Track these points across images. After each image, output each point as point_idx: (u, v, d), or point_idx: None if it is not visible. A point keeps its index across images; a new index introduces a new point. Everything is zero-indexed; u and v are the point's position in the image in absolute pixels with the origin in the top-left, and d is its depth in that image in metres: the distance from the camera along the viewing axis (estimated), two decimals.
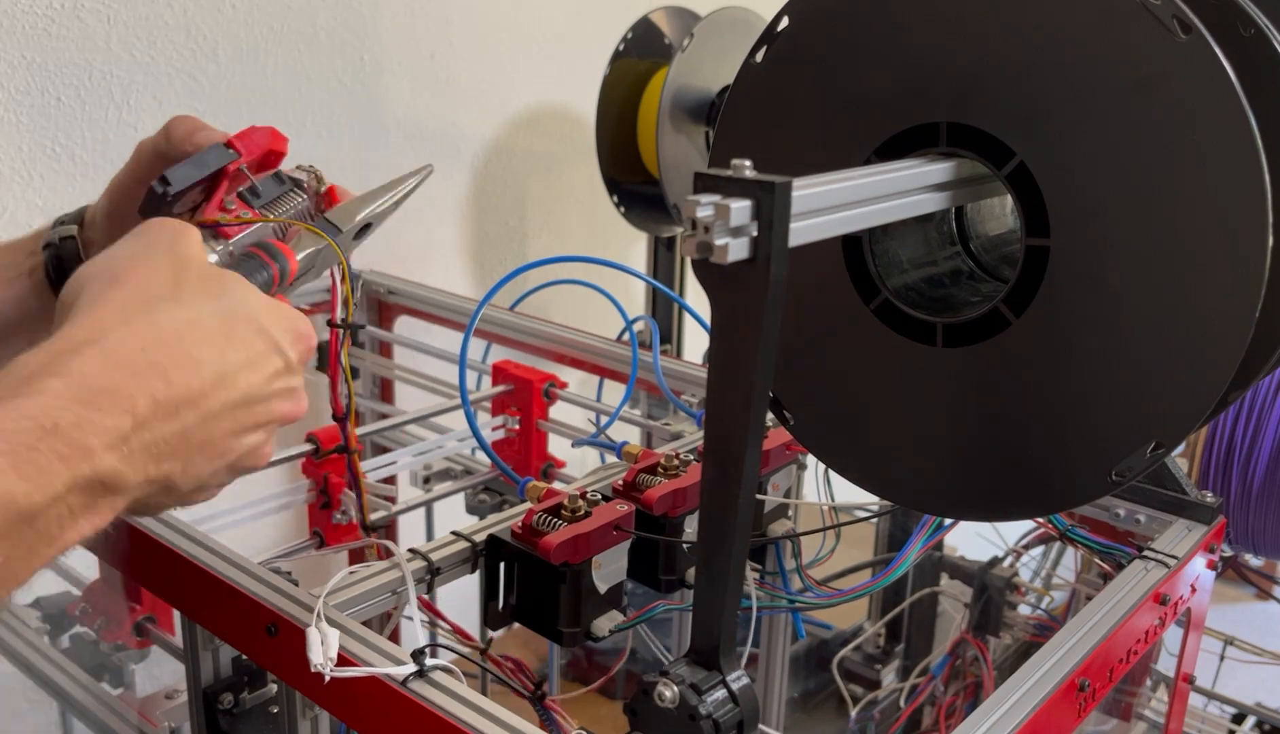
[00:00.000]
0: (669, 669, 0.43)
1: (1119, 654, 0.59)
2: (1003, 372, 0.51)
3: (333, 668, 0.49)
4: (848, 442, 0.58)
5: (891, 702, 1.02)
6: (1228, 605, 2.17)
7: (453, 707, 0.48)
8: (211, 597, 0.57)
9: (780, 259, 0.37)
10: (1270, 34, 0.49)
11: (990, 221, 0.60)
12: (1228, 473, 0.85)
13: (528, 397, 0.96)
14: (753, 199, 0.37)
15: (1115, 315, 0.48)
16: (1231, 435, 0.85)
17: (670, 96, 1.27)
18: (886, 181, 0.46)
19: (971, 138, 0.50)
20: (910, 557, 0.64)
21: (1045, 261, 0.49)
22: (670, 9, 1.40)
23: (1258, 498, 0.84)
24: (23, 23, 1.00)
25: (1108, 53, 0.46)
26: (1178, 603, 0.66)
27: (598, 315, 1.07)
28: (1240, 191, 0.44)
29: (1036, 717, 0.51)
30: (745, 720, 0.43)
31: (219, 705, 0.61)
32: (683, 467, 0.68)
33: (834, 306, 0.55)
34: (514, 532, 0.60)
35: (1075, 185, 0.48)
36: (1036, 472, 0.52)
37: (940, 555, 1.01)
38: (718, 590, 0.42)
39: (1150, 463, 0.49)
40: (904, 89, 0.51)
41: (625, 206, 1.39)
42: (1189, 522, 0.69)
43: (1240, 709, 0.98)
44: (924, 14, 0.50)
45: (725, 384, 0.40)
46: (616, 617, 0.62)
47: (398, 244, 1.46)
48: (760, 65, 0.55)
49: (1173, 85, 0.45)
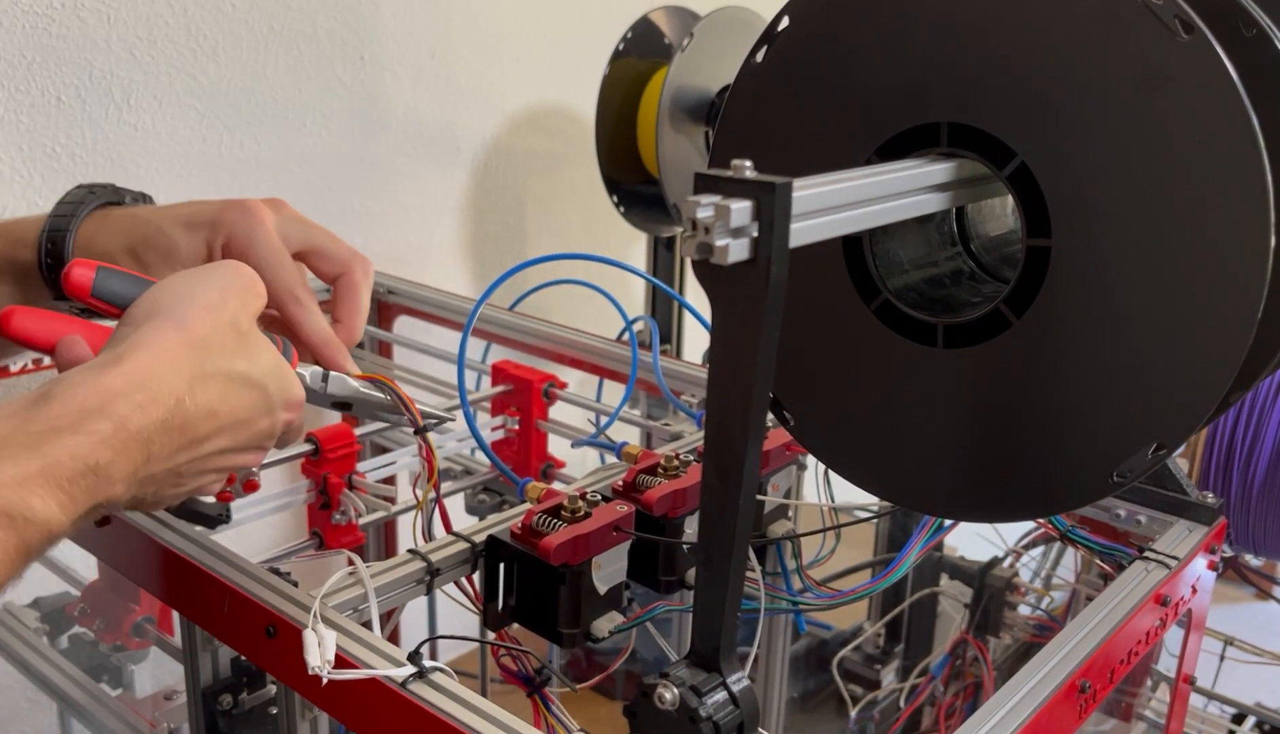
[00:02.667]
0: (669, 671, 0.43)
1: (1120, 655, 0.59)
2: (1004, 372, 0.51)
3: (330, 670, 0.49)
4: (848, 442, 0.58)
5: (891, 702, 1.02)
6: (1228, 605, 2.17)
7: (451, 708, 0.48)
8: (210, 597, 0.57)
9: (781, 260, 0.37)
10: (1272, 34, 0.49)
11: (991, 222, 0.60)
12: (1228, 474, 0.85)
13: (527, 397, 0.96)
14: (753, 200, 0.37)
15: (1116, 316, 0.48)
16: (1232, 436, 0.85)
17: (670, 96, 1.26)
18: (887, 182, 0.46)
19: (972, 138, 0.49)
20: (910, 558, 0.64)
21: (1046, 262, 0.49)
22: (670, 9, 1.40)
23: (1258, 499, 0.84)
24: (23, 22, 1.00)
25: (1109, 53, 0.46)
26: (1178, 604, 0.65)
27: (597, 315, 1.07)
28: (1242, 192, 0.44)
29: (1037, 718, 0.51)
30: (746, 722, 0.43)
31: (218, 706, 0.61)
32: (683, 467, 0.67)
33: (835, 307, 0.55)
34: (513, 532, 0.60)
35: (1077, 186, 0.48)
36: (1037, 473, 0.52)
37: (940, 556, 1.01)
38: (718, 592, 0.42)
39: (1152, 464, 0.48)
40: (905, 89, 0.51)
41: (625, 206, 1.39)
42: (1190, 522, 0.69)
43: (1240, 709, 0.98)
44: (925, 14, 0.50)
45: (725, 385, 0.39)
46: (616, 617, 0.62)
47: (398, 244, 1.46)
48: (760, 65, 0.55)
49: (1175, 85, 0.45)
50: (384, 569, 0.59)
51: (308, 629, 0.51)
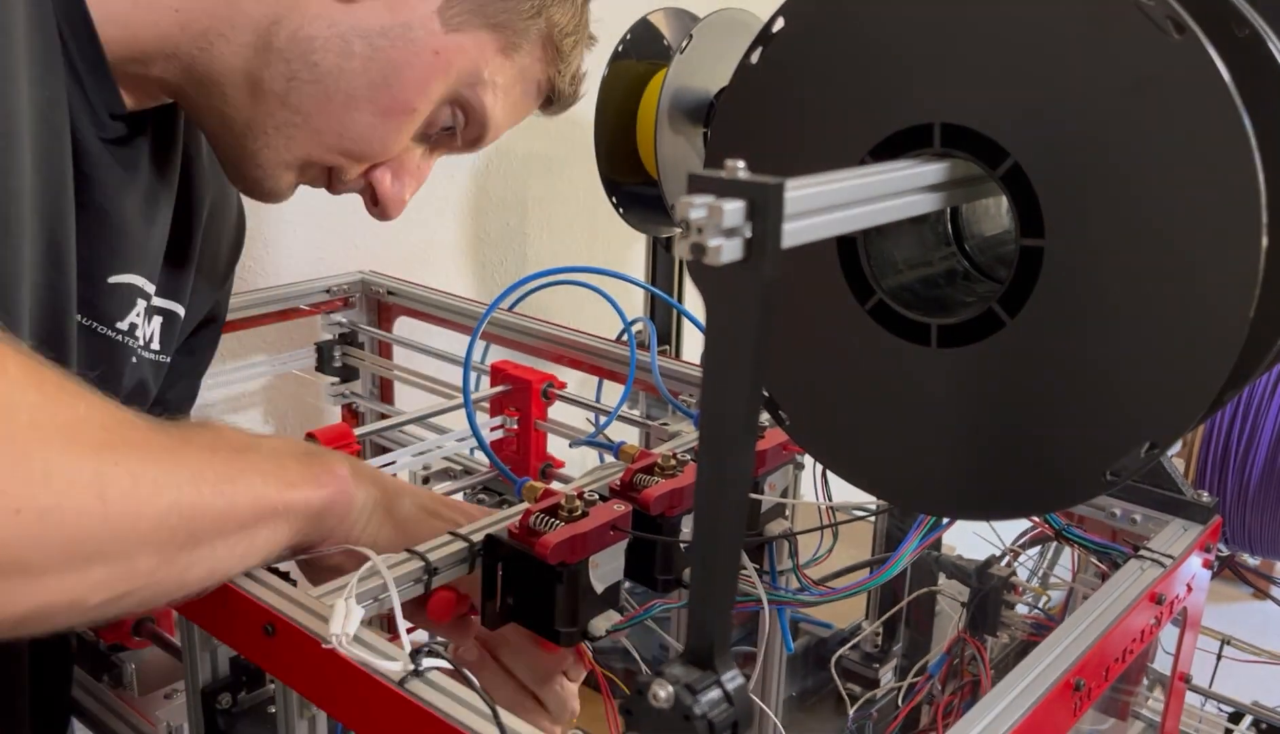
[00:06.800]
0: (664, 669, 0.43)
1: (1114, 653, 0.59)
2: (997, 372, 0.51)
3: (346, 642, 0.50)
4: (843, 441, 0.58)
5: (889, 700, 1.02)
6: (1225, 605, 2.17)
7: (450, 707, 0.48)
8: (209, 596, 0.57)
9: (773, 260, 0.37)
10: (1265, 34, 0.49)
11: (986, 222, 0.60)
12: (1224, 473, 0.85)
13: (526, 397, 0.96)
14: (746, 200, 0.37)
15: (1109, 316, 0.48)
16: (1228, 436, 0.85)
17: (669, 98, 1.27)
18: (880, 182, 0.46)
19: (966, 138, 0.50)
20: (905, 556, 0.64)
21: (1039, 262, 0.49)
22: (669, 10, 1.40)
23: (1254, 498, 0.85)
24: None
25: (1101, 53, 0.46)
26: (1173, 602, 0.66)
27: (597, 315, 1.07)
28: (1234, 192, 0.44)
29: (1032, 716, 0.51)
30: (740, 720, 0.43)
31: (217, 705, 0.61)
32: (680, 466, 0.68)
33: (829, 307, 0.55)
34: (511, 531, 0.60)
35: (1069, 186, 0.48)
36: (1031, 471, 0.52)
37: (938, 555, 1.01)
38: (712, 590, 0.43)
39: (1145, 463, 0.49)
40: (898, 90, 0.51)
41: (624, 208, 1.39)
42: (1185, 521, 0.69)
43: (1237, 708, 0.98)
44: (918, 15, 0.51)
45: (718, 385, 0.40)
46: (614, 616, 0.62)
47: (398, 244, 1.46)
48: (755, 66, 0.55)
49: (1166, 86, 0.45)
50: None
51: (340, 601, 0.52)
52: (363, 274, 1.26)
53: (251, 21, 0.67)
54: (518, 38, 0.74)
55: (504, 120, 0.77)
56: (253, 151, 0.71)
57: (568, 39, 0.76)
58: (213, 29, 0.67)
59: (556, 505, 0.61)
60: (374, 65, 0.69)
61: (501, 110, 0.76)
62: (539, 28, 0.74)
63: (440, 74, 0.71)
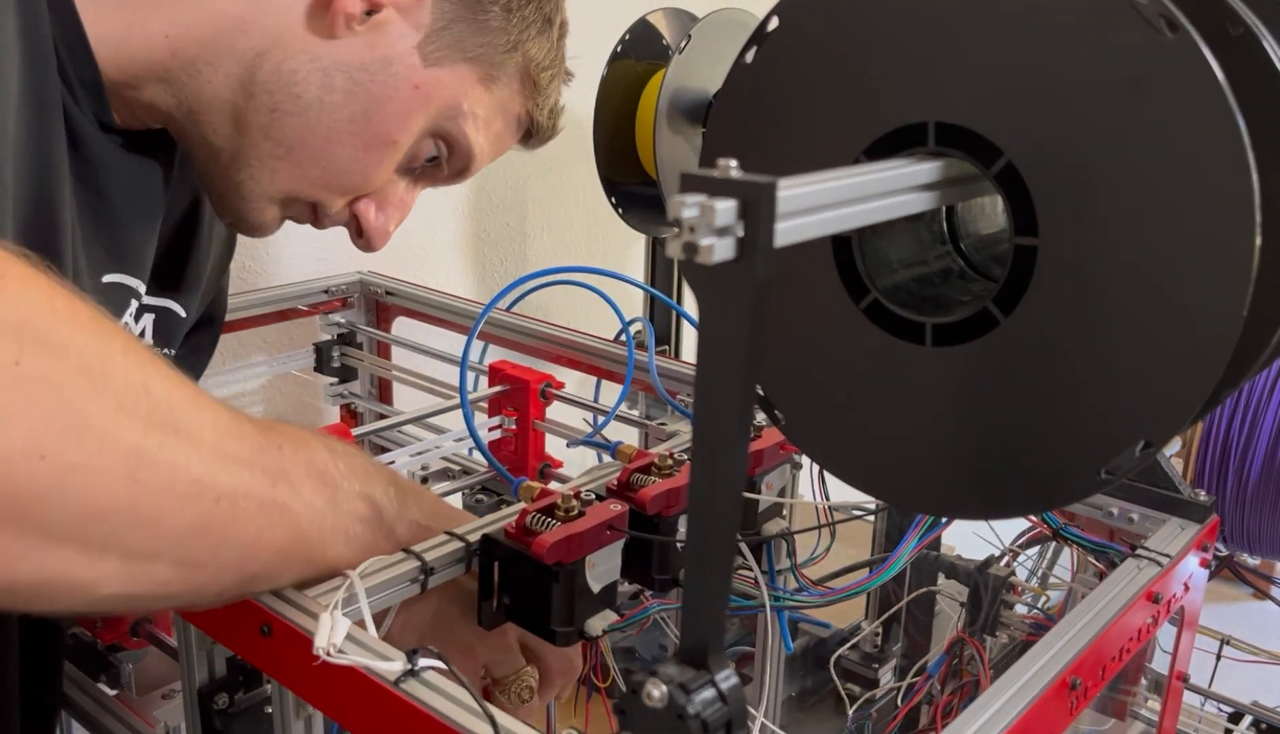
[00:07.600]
0: (658, 668, 0.43)
1: (1111, 652, 0.59)
2: (992, 370, 0.51)
3: (332, 654, 0.50)
4: (839, 441, 0.58)
5: (889, 700, 1.02)
6: (1225, 605, 2.17)
7: (446, 707, 0.48)
8: None
9: (766, 259, 0.37)
10: (1259, 33, 0.49)
11: (981, 220, 0.60)
12: (1223, 472, 0.85)
13: (524, 397, 0.96)
14: (738, 199, 0.37)
15: (1103, 315, 0.48)
16: (1226, 436, 0.85)
17: (668, 98, 1.27)
18: (873, 181, 0.46)
19: (960, 137, 0.50)
20: (903, 556, 0.64)
21: (1034, 261, 0.49)
22: (668, 10, 1.40)
23: (1252, 498, 0.84)
24: None
25: (1095, 51, 0.46)
26: (1170, 601, 0.66)
27: (595, 315, 1.07)
28: (1228, 191, 0.44)
29: (1027, 715, 0.51)
30: (734, 720, 0.43)
31: (214, 705, 0.61)
32: (676, 466, 0.68)
33: (824, 306, 0.55)
34: (507, 531, 0.60)
35: (1063, 185, 0.48)
36: (1026, 470, 0.52)
37: (938, 555, 1.01)
38: (706, 590, 0.43)
39: (1139, 462, 0.49)
40: (893, 89, 0.51)
41: (623, 207, 1.39)
42: (1182, 520, 0.69)
43: (1237, 708, 0.98)
44: (912, 13, 0.51)
45: (711, 385, 0.40)
46: (610, 616, 0.62)
47: (397, 244, 1.46)
48: (750, 65, 0.55)
49: (1160, 84, 0.45)
50: (382, 567, 0.59)
51: (325, 613, 0.52)
52: (361, 275, 1.26)
53: (237, 53, 0.68)
54: (496, 71, 0.76)
55: (487, 151, 0.80)
56: (237, 183, 0.72)
57: (544, 73, 0.79)
58: (201, 58, 0.68)
59: (553, 505, 0.61)
60: (355, 99, 0.70)
61: (485, 140, 0.78)
62: (516, 62, 0.77)
63: (420, 107, 0.73)
